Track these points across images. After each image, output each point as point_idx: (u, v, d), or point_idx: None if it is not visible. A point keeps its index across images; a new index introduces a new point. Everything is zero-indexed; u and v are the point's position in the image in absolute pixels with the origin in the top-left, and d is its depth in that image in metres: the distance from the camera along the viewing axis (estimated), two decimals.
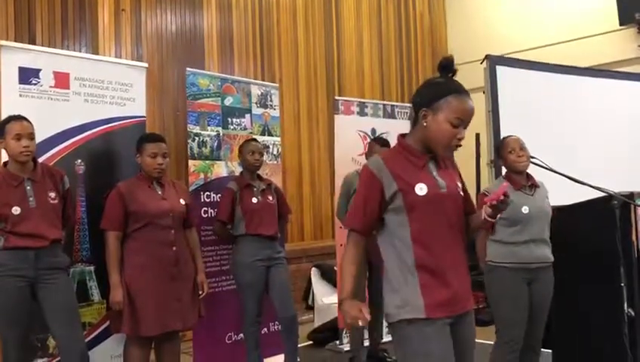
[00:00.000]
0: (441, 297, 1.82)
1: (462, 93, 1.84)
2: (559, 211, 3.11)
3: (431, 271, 1.83)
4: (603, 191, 3.20)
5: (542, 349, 3.10)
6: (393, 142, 4.23)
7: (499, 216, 2.78)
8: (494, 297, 2.93)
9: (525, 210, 2.82)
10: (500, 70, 4.95)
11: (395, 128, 4.84)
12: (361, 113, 4.70)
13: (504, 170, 3.12)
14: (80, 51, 4.73)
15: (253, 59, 6.22)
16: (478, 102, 5.64)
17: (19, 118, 2.74)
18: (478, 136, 6.75)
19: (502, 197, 1.80)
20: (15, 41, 4.18)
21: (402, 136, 1.97)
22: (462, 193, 1.95)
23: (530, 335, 2.86)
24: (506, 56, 5.83)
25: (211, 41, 5.93)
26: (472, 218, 2.02)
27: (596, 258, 3.24)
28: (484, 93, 4.97)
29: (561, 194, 3.16)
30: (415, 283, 1.82)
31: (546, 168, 3.34)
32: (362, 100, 4.97)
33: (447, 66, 1.88)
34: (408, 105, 5.32)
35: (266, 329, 3.88)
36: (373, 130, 4.70)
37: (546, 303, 2.89)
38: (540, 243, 2.85)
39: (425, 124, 1.85)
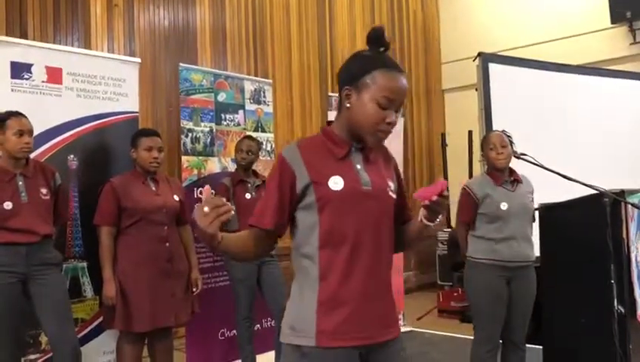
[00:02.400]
0: (343, 322, 1.44)
1: (391, 68, 1.50)
2: (550, 208, 3.13)
3: (336, 287, 1.45)
4: (594, 189, 3.22)
5: (532, 346, 3.12)
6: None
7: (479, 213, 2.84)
8: (472, 292, 2.94)
9: (504, 206, 2.82)
10: (493, 67, 4.97)
11: None
12: None
13: (486, 166, 3.13)
14: (72, 46, 4.70)
15: (247, 54, 6.19)
16: (471, 100, 5.71)
17: (18, 114, 2.74)
18: (470, 133, 6.80)
19: (434, 197, 1.46)
20: (6, 35, 4.14)
21: (328, 123, 1.68)
22: (393, 195, 1.59)
23: (512, 333, 2.87)
24: (499, 53, 5.84)
25: (204, 36, 5.90)
26: (408, 226, 1.66)
27: (587, 255, 3.25)
28: (476, 90, 5.00)
29: (552, 191, 3.18)
30: (313, 301, 1.46)
31: (537, 165, 3.37)
32: None
33: (376, 39, 1.53)
34: None
35: (259, 325, 3.90)
36: None
37: (527, 302, 2.88)
38: (520, 241, 2.83)
39: (348, 104, 1.52)
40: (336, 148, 1.54)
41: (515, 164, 3.01)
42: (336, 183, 1.48)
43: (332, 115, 4.58)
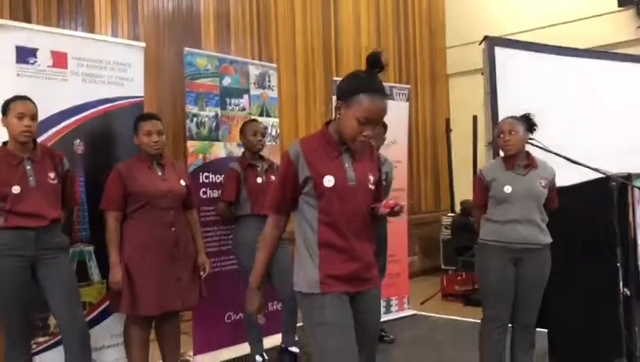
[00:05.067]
0: (338, 275, 1.94)
1: (374, 92, 1.87)
2: (558, 192, 3.13)
3: (332, 250, 1.94)
4: (601, 173, 3.22)
5: (537, 329, 3.14)
6: (389, 123, 4.25)
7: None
8: (480, 272, 2.97)
9: (507, 189, 2.83)
10: (499, 51, 4.93)
11: (393, 110, 4.81)
12: None
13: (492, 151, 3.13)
14: (76, 30, 4.68)
15: (250, 39, 6.16)
16: (476, 84, 5.68)
17: (23, 97, 2.73)
18: (475, 118, 6.77)
19: (386, 210, 1.94)
20: (10, 19, 4.12)
21: (327, 124, 2.02)
22: (372, 187, 2.02)
23: (521, 315, 2.89)
24: (505, 37, 5.80)
25: (208, 20, 5.86)
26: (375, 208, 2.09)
27: (593, 238, 3.26)
28: (482, 74, 4.96)
29: (559, 175, 3.18)
30: (316, 260, 1.95)
31: (544, 149, 3.36)
32: None
33: (373, 62, 1.89)
34: (407, 86, 5.32)
35: (273, 307, 3.90)
36: None
37: (536, 284, 2.88)
38: (526, 224, 2.83)
39: (338, 115, 1.93)
40: (330, 149, 1.96)
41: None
42: (329, 181, 1.92)
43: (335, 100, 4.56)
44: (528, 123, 2.96)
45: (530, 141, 3.17)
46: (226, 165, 3.73)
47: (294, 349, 3.62)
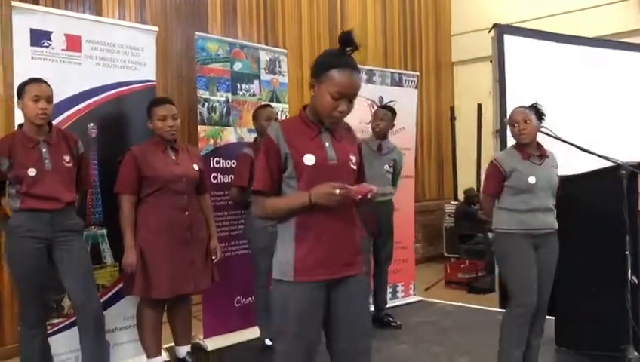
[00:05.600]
0: (313, 261, 1.87)
1: (345, 67, 1.86)
2: (567, 180, 3.16)
3: (309, 235, 1.88)
4: (611, 161, 3.24)
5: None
6: (398, 111, 4.26)
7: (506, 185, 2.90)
8: (505, 263, 2.96)
9: (532, 179, 2.85)
10: (507, 39, 4.93)
11: (402, 96, 4.85)
12: (369, 81, 4.68)
13: (514, 140, 3.13)
14: (84, 13, 4.66)
15: (257, 25, 6.14)
16: (481, 72, 5.67)
17: (38, 80, 2.73)
18: (480, 106, 6.78)
19: (358, 196, 1.84)
20: (20, 1, 4.11)
21: (304, 107, 2.02)
22: (354, 167, 1.99)
23: (538, 299, 2.91)
24: (512, 25, 5.79)
25: (215, 5, 5.84)
26: None
27: (602, 226, 3.30)
28: (490, 62, 4.97)
29: (568, 163, 3.20)
30: (291, 245, 1.90)
31: (555, 137, 3.38)
32: (370, 68, 4.94)
33: (345, 41, 1.89)
34: (415, 73, 5.31)
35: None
36: (381, 99, 4.69)
37: (552, 268, 2.93)
38: (545, 212, 2.88)
39: (313, 93, 1.94)
40: (308, 130, 1.94)
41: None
42: (309, 160, 1.89)
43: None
44: (537, 112, 2.98)
45: (541, 129, 3.19)
46: (237, 150, 3.75)
47: None
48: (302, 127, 1.95)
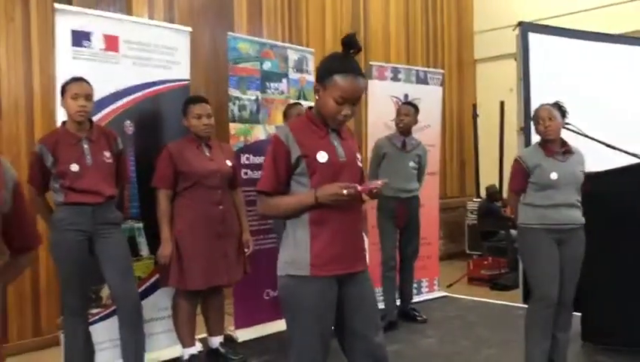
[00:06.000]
0: (329, 257, 1.91)
1: (349, 73, 1.91)
2: (594, 176, 3.18)
3: (323, 231, 1.92)
4: (637, 157, 3.27)
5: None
6: (423, 109, 4.31)
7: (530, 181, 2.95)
8: (527, 257, 3.02)
9: (554, 176, 2.89)
10: (532, 37, 4.95)
11: (427, 94, 4.91)
12: (395, 78, 4.74)
13: (538, 137, 3.17)
14: (114, 13, 4.78)
15: (282, 23, 6.23)
16: (504, 70, 5.68)
17: (79, 79, 2.85)
18: (502, 104, 6.79)
19: (368, 191, 1.91)
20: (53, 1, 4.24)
21: (310, 108, 2.09)
22: (360, 164, 2.07)
23: (562, 293, 2.96)
24: (535, 22, 5.80)
25: (241, 4, 5.94)
26: None
27: (630, 222, 3.32)
28: (515, 59, 4.99)
29: (593, 160, 3.23)
30: (306, 242, 1.92)
31: (581, 134, 3.42)
32: (395, 66, 5.00)
33: (348, 43, 1.94)
34: (440, 71, 5.36)
35: None
36: (406, 96, 4.76)
37: (577, 263, 2.97)
38: (569, 207, 2.92)
39: (317, 97, 1.98)
40: (317, 129, 1.99)
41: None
42: (323, 157, 1.94)
43: (372, 84, 4.64)
44: (560, 110, 3.02)
45: (567, 126, 3.23)
46: (267, 147, 3.83)
47: None
48: (311, 127, 1.99)
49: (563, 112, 3.00)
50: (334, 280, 1.94)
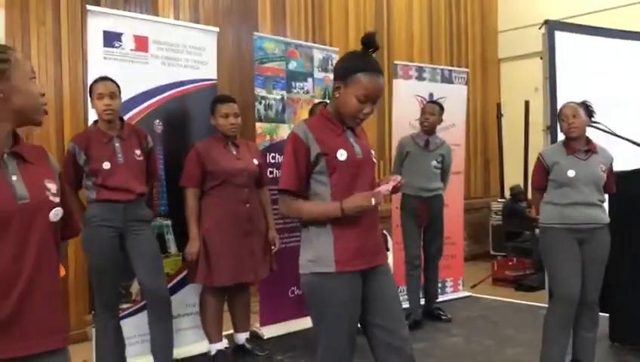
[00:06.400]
0: (352, 252, 1.95)
1: (371, 71, 1.93)
2: (621, 176, 3.15)
3: (346, 228, 1.95)
4: None
5: (599, 313, 3.16)
6: (447, 108, 4.29)
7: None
8: (547, 256, 2.99)
9: (571, 173, 2.88)
10: (558, 35, 4.90)
11: (452, 93, 4.90)
12: (419, 78, 4.74)
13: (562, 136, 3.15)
14: (141, 14, 4.86)
15: (305, 23, 6.26)
16: (529, 69, 5.62)
17: (104, 78, 2.91)
18: (527, 103, 6.74)
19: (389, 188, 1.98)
20: (81, 3, 4.33)
21: (324, 106, 2.12)
22: (375, 160, 2.11)
23: (585, 294, 2.93)
24: (561, 20, 5.74)
25: (265, 4, 5.99)
26: None
27: None
28: (540, 58, 4.95)
29: (621, 159, 3.20)
30: (329, 239, 1.95)
31: (609, 133, 3.39)
32: (420, 65, 4.99)
33: (368, 43, 1.97)
34: (465, 69, 5.34)
35: None
36: (431, 95, 4.75)
37: (599, 263, 2.93)
38: (588, 206, 2.89)
39: (337, 95, 1.99)
40: (334, 127, 2.01)
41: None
42: (342, 154, 1.96)
43: (397, 84, 4.65)
44: (587, 110, 3.00)
45: (596, 125, 3.21)
46: (285, 146, 3.87)
47: None
48: (328, 125, 2.01)
49: (590, 111, 2.98)
50: (358, 275, 1.97)
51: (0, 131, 1.39)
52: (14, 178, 1.38)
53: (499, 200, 7.07)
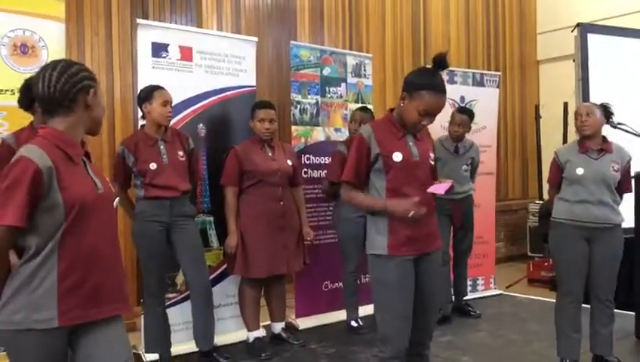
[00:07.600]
0: (404, 239, 2.22)
1: (435, 90, 2.17)
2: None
3: (400, 221, 2.20)
4: None
5: (625, 312, 3.22)
6: (479, 110, 4.39)
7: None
8: (554, 252, 3.09)
9: (580, 171, 2.97)
10: (591, 38, 4.95)
11: (483, 96, 5.00)
12: (451, 81, 4.86)
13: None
14: (186, 25, 5.17)
15: (342, 30, 6.46)
16: (568, 70, 5.66)
17: (162, 87, 3.21)
18: (566, 105, 6.74)
19: (441, 192, 2.23)
20: (130, 16, 4.66)
21: (391, 110, 2.35)
22: (433, 162, 2.35)
23: (598, 290, 3.01)
24: (597, 22, 5.75)
25: (303, 13, 6.22)
26: None
27: None
28: (573, 61, 5.01)
29: None
30: (384, 228, 2.25)
31: (635, 134, 3.46)
32: (451, 68, 5.11)
33: (439, 62, 2.18)
34: (497, 73, 5.43)
35: (365, 279, 4.18)
36: (462, 98, 4.87)
37: (610, 262, 2.99)
38: (597, 205, 2.95)
39: (402, 104, 2.24)
40: (396, 130, 2.27)
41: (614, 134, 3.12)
42: (397, 156, 2.22)
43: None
44: (605, 110, 3.08)
45: (619, 126, 3.29)
46: (325, 148, 4.10)
47: None
48: (390, 128, 2.29)
49: (608, 113, 3.06)
50: (409, 260, 2.24)
51: (78, 135, 1.71)
52: (91, 173, 1.72)
53: (537, 201, 7.07)
